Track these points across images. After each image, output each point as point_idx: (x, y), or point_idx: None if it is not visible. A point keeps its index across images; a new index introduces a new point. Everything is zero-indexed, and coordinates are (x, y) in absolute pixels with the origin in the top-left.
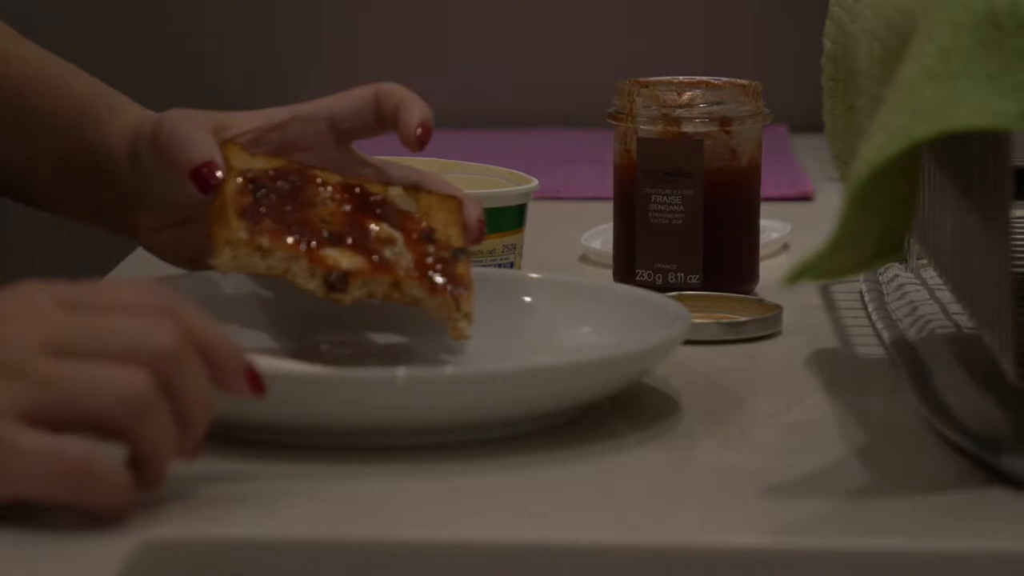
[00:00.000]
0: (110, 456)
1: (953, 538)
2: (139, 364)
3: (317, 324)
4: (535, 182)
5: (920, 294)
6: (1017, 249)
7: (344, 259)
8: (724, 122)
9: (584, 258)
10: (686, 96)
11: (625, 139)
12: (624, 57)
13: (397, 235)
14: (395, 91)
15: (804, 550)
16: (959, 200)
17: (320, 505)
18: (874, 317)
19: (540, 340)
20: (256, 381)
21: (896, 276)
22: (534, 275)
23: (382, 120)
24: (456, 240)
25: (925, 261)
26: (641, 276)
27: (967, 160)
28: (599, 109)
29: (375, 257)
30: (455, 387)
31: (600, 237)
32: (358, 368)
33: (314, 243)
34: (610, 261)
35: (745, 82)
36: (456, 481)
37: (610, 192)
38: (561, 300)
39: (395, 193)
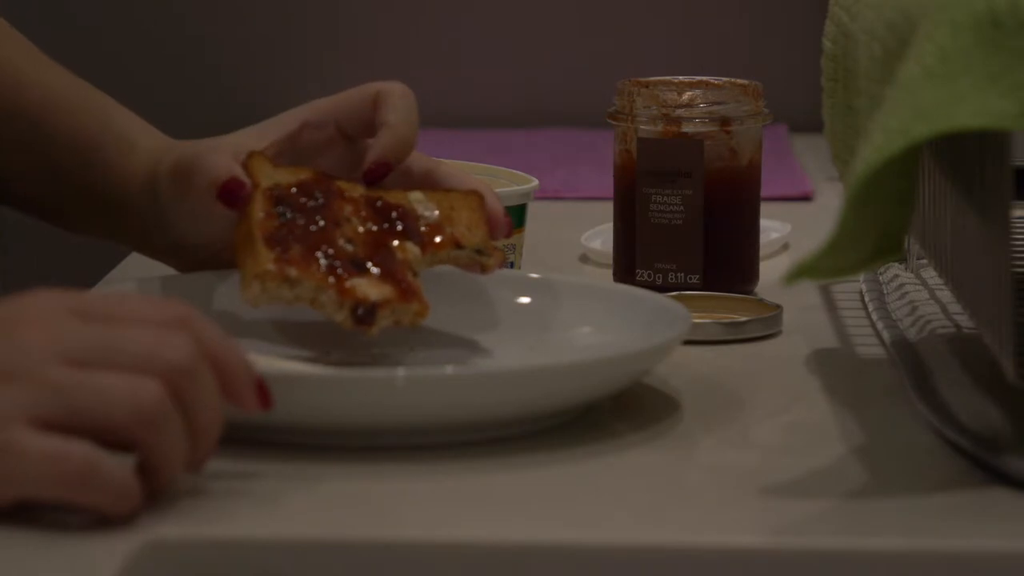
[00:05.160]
0: (117, 458)
1: (953, 538)
2: (152, 376)
3: (319, 326)
4: (535, 182)
5: (920, 294)
6: (1017, 249)
7: (372, 290)
8: (724, 122)
9: (584, 258)
10: (686, 96)
11: (625, 139)
12: (624, 57)
13: (422, 257)
14: (389, 102)
15: (804, 550)
16: (959, 200)
17: (320, 505)
18: (874, 317)
19: (540, 340)
20: (264, 395)
21: (896, 276)
22: (534, 275)
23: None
24: (483, 239)
25: (925, 261)
26: (641, 276)
27: (967, 160)
28: (599, 109)
29: (402, 284)
30: (455, 387)
31: (600, 237)
32: (358, 368)
33: (342, 271)
34: (610, 261)
35: (745, 82)
36: (456, 481)
37: (610, 192)
38: (561, 300)
39: (416, 199)
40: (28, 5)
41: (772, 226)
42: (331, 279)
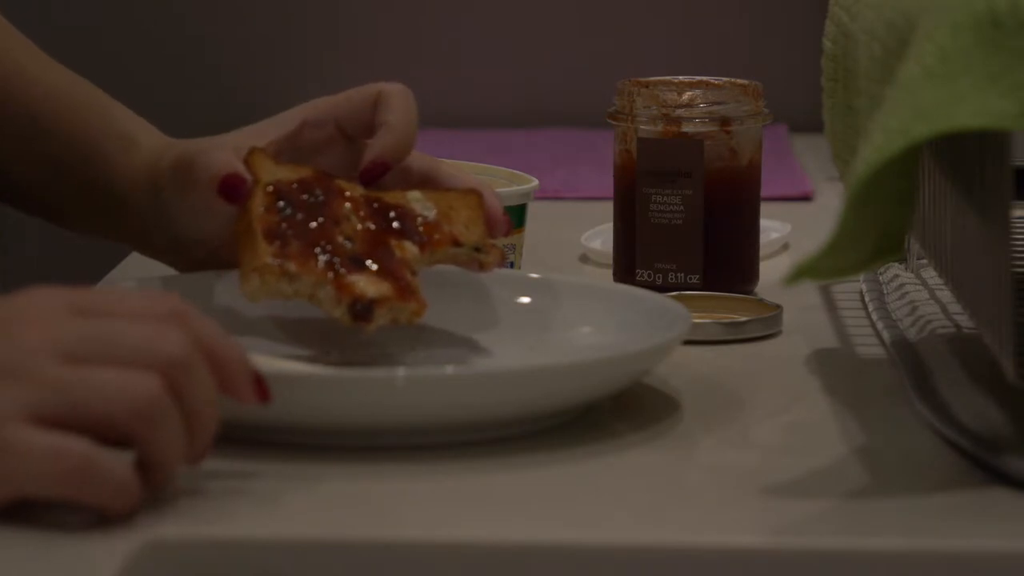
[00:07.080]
0: (116, 454)
1: (953, 538)
2: (149, 370)
3: (318, 325)
4: (535, 182)
5: (920, 294)
6: (1017, 249)
7: (370, 287)
8: (724, 122)
9: (584, 258)
10: (686, 96)
11: (625, 139)
12: (624, 57)
13: (420, 256)
14: (389, 102)
15: (804, 550)
16: (959, 200)
17: (320, 505)
18: (874, 317)
19: (540, 340)
20: (262, 388)
21: (896, 276)
22: (534, 275)
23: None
24: (481, 237)
25: (925, 261)
26: (641, 276)
27: (967, 160)
28: (599, 109)
29: (400, 282)
30: (455, 387)
31: (600, 237)
32: (358, 368)
33: (341, 268)
34: (610, 261)
35: (745, 82)
36: (456, 481)
37: (610, 192)
38: (561, 300)
39: (414, 198)
40: (28, 5)
41: (772, 226)
42: (330, 275)
